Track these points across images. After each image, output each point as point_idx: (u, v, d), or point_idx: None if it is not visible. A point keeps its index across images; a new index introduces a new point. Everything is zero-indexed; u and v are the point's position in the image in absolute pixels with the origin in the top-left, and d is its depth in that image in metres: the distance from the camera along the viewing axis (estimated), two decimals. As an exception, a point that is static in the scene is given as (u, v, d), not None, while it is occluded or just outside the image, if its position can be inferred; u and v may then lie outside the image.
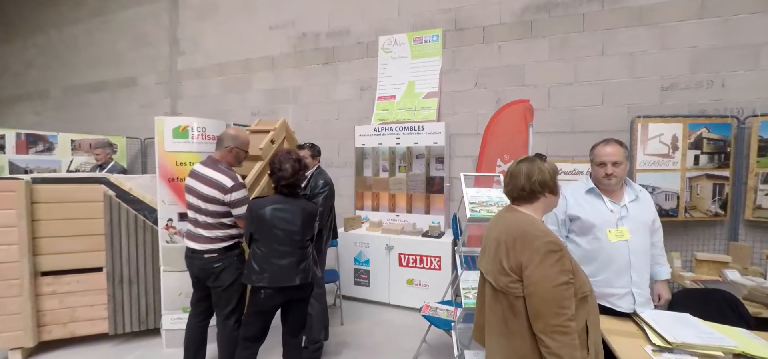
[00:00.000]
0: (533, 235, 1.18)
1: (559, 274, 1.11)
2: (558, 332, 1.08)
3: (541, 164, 1.33)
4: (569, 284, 1.11)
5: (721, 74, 3.13)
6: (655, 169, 2.97)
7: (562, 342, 1.07)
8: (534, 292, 1.12)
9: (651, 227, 1.84)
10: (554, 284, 1.09)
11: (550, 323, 1.08)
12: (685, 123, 2.96)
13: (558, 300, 1.09)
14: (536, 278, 1.11)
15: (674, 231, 3.14)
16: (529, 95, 3.62)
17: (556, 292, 1.09)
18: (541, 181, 1.29)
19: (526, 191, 1.30)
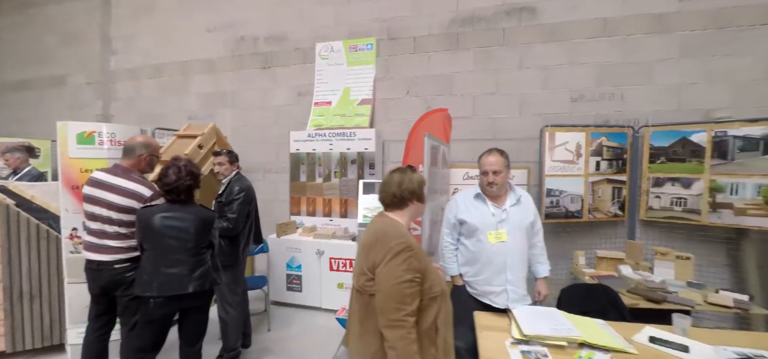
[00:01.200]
0: (390, 236, 1.26)
1: (405, 272, 1.19)
2: (395, 326, 1.16)
3: (411, 174, 1.43)
4: (413, 282, 1.20)
5: (621, 88, 3.45)
6: (562, 174, 3.22)
7: (398, 335, 1.16)
8: (380, 288, 1.20)
9: (530, 229, 2.00)
10: (398, 281, 1.18)
11: (390, 317, 1.17)
12: (588, 132, 3.24)
13: (399, 296, 1.17)
14: (383, 274, 1.20)
15: (579, 231, 3.42)
16: (457, 103, 3.80)
17: (399, 288, 1.17)
18: (410, 189, 1.39)
19: (397, 198, 1.40)
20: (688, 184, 3.08)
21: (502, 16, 3.70)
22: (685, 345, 1.53)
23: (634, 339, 1.61)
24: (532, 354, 1.48)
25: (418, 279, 1.22)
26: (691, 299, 2.49)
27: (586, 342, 1.52)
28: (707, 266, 3.22)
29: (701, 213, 3.04)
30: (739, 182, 2.90)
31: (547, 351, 1.49)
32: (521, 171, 3.40)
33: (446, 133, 3.15)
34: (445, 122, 3.13)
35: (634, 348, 1.53)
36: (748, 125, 2.87)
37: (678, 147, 3.12)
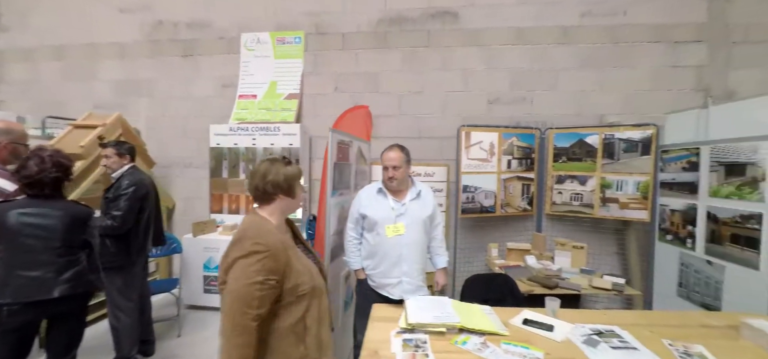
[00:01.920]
0: (247, 236, 1.21)
1: (256, 273, 1.13)
2: (237, 331, 1.10)
3: (280, 166, 1.38)
4: (264, 285, 1.14)
5: (531, 93, 3.73)
6: (477, 171, 3.40)
7: (238, 342, 1.09)
8: (228, 289, 1.15)
9: (429, 222, 2.08)
10: (248, 282, 1.13)
11: (235, 320, 1.10)
12: (500, 132, 3.46)
13: (247, 298, 1.11)
14: (234, 275, 1.15)
15: (494, 225, 3.65)
16: (383, 101, 3.86)
17: (247, 290, 1.12)
18: (273, 182, 1.33)
19: (260, 191, 1.34)
20: (584, 181, 3.42)
21: (428, 18, 3.82)
22: (551, 325, 1.69)
23: (511, 322, 1.74)
24: (413, 342, 1.53)
25: (271, 282, 1.17)
26: (579, 283, 2.76)
27: (464, 328, 1.61)
28: (601, 254, 3.61)
29: (594, 207, 3.39)
30: (623, 179, 3.28)
31: (428, 338, 1.56)
32: (441, 168, 3.54)
33: (367, 130, 3.18)
34: (366, 119, 3.16)
35: (508, 330, 1.65)
36: (630, 129, 3.25)
37: (576, 148, 3.45)
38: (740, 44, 3.59)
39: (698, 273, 2.82)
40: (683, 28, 3.60)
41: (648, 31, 3.62)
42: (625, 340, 1.56)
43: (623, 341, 1.56)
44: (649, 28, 3.61)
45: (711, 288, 2.71)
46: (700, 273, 2.80)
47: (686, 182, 2.92)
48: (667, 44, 3.61)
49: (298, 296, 1.25)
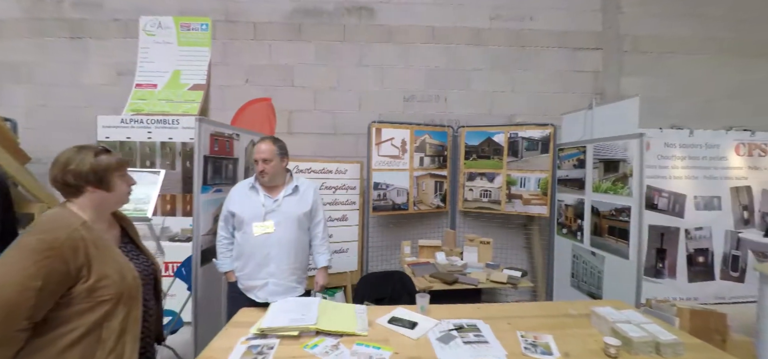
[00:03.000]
0: (38, 229, 1.02)
1: (29, 278, 0.96)
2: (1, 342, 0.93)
3: (88, 155, 1.19)
4: (42, 291, 0.97)
5: (445, 91, 3.78)
6: (389, 168, 3.37)
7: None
8: None
9: (307, 219, 1.97)
10: (19, 287, 0.94)
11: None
12: (412, 129, 3.45)
13: (16, 306, 0.94)
14: (2, 270, 0.96)
15: (408, 222, 3.64)
16: (298, 96, 3.70)
17: (18, 297, 0.94)
18: (76, 172, 1.14)
19: (59, 182, 1.14)
20: (492, 178, 3.52)
21: (344, 12, 3.72)
22: (415, 322, 1.65)
23: (377, 321, 1.68)
24: (258, 348, 1.41)
25: (51, 287, 1.00)
26: (477, 278, 2.81)
27: (320, 330, 1.52)
28: (512, 248, 3.74)
29: (501, 204, 3.50)
30: (526, 176, 3.42)
31: (277, 343, 1.44)
32: (354, 165, 3.45)
33: (270, 124, 3.01)
34: (269, 113, 2.99)
35: (370, 330, 1.58)
36: (532, 128, 3.40)
37: (485, 146, 3.54)
38: (630, 53, 3.91)
39: (586, 263, 3.00)
40: (582, 36, 3.85)
41: (551, 37, 3.82)
42: (481, 334, 1.55)
43: (479, 335, 1.55)
44: (553, 34, 3.82)
45: (595, 278, 2.89)
46: (587, 264, 2.98)
47: (576, 179, 3.10)
48: (568, 50, 3.84)
49: (98, 301, 1.08)
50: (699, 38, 3.93)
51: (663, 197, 3.95)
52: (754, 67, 3.99)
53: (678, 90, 3.95)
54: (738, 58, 3.97)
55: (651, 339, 1.40)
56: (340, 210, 3.40)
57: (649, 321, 1.56)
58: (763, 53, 4.00)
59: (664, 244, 3.95)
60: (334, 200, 3.37)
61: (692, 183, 3.94)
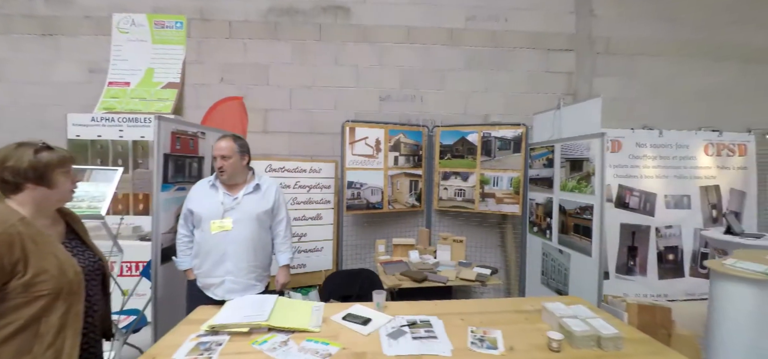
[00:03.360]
0: None
1: None
2: None
3: (26, 151, 1.18)
4: None
5: (421, 91, 3.80)
6: (363, 167, 3.38)
7: None
8: None
9: (268, 217, 1.97)
10: None
11: None
12: (386, 128, 3.47)
13: None
14: None
15: (383, 221, 3.66)
16: (273, 95, 3.69)
17: None
18: (13, 169, 1.14)
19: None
20: (466, 177, 3.56)
21: (319, 11, 3.73)
22: (369, 318, 1.67)
23: (333, 318, 1.69)
24: (207, 345, 1.41)
25: None
26: (446, 276, 2.84)
27: (272, 326, 1.52)
28: (486, 247, 3.78)
29: (475, 203, 3.54)
30: (499, 175, 3.46)
31: (226, 340, 1.45)
32: (329, 165, 3.46)
33: (242, 122, 3.00)
34: (240, 112, 2.98)
35: (324, 326, 1.60)
36: (504, 128, 3.44)
37: (459, 145, 3.57)
38: (603, 55, 3.99)
39: (554, 261, 3.05)
40: (555, 37, 3.91)
41: (526, 38, 3.87)
42: (432, 330, 1.58)
43: (430, 331, 1.57)
44: (527, 35, 3.87)
45: (562, 275, 2.94)
46: (555, 262, 3.03)
47: (546, 178, 3.15)
48: (542, 51, 3.89)
49: (35, 296, 1.07)
50: (668, 41, 4.02)
51: (634, 196, 4.04)
52: (720, 70, 4.10)
53: (649, 91, 4.04)
54: (705, 60, 4.08)
55: (593, 333, 1.43)
56: (315, 209, 3.40)
57: (595, 316, 1.59)
58: (728, 56, 4.11)
59: (635, 242, 4.04)
60: (309, 199, 3.38)
61: (663, 182, 4.04)
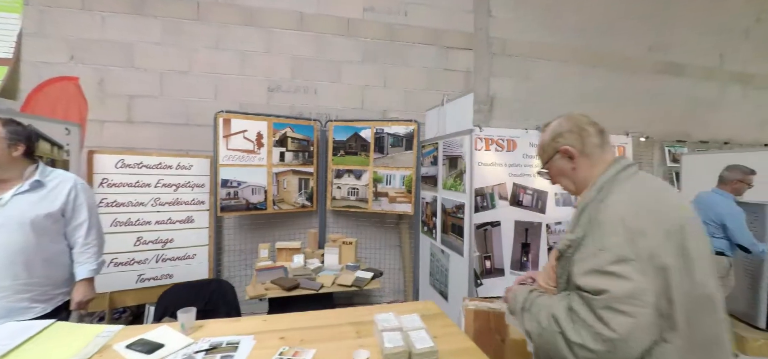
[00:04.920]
0: None
1: None
2: None
3: None
4: None
5: (314, 83, 3.55)
6: (241, 164, 3.05)
7: None
8: None
9: (53, 223, 1.58)
10: None
11: None
12: (270, 121, 3.17)
13: None
14: None
15: (266, 223, 3.36)
16: (140, 79, 3.20)
17: None
18: None
19: None
20: (360, 175, 3.38)
21: (197, -13, 3.31)
22: (160, 344, 1.37)
23: (116, 347, 1.37)
24: None
25: None
26: (321, 282, 2.62)
27: (4, 365, 1.17)
28: (383, 248, 3.65)
29: (368, 202, 3.37)
30: (392, 173, 3.33)
31: None
32: (202, 160, 3.07)
33: (79, 108, 2.50)
34: (76, 95, 2.48)
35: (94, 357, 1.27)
36: (396, 124, 3.32)
37: (352, 141, 3.38)
38: (499, 55, 4.06)
39: (438, 261, 2.99)
40: (454, 36, 3.90)
41: (424, 33, 3.80)
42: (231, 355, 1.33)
43: (228, 356, 1.32)
44: (426, 30, 3.81)
45: (443, 276, 2.88)
46: (439, 262, 2.97)
47: (432, 176, 3.08)
48: (440, 48, 3.86)
49: None
50: (557, 46, 4.22)
51: (527, 195, 4.17)
52: (600, 75, 4.41)
53: (541, 93, 4.20)
54: (588, 66, 4.35)
55: (404, 350, 1.29)
56: (185, 211, 3.00)
57: (421, 328, 1.46)
58: (608, 63, 4.43)
59: (529, 238, 4.18)
60: (176, 200, 2.96)
61: (553, 181, 4.21)
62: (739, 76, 5.15)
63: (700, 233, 0.89)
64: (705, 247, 0.89)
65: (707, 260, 0.87)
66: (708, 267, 0.87)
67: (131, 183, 2.81)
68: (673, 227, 0.84)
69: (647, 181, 0.96)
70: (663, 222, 0.84)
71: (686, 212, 0.90)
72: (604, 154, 1.03)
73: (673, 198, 0.94)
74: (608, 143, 1.05)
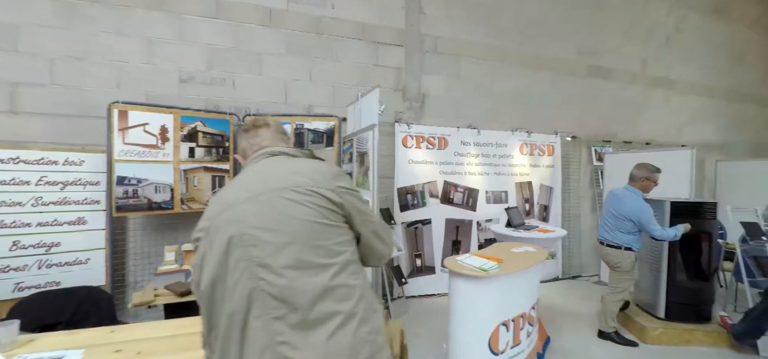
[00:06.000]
0: None
1: None
2: None
3: None
4: None
5: (233, 74, 3.36)
6: (141, 159, 2.80)
7: None
8: None
9: None
10: None
11: None
12: (177, 114, 2.95)
13: None
14: None
15: (171, 224, 3.13)
16: (26, 65, 2.86)
17: None
18: None
19: None
20: (279, 173, 3.23)
21: (96, -35, 3.01)
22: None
23: None
24: None
25: None
26: (221, 286, 2.45)
27: None
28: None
29: (288, 200, 3.23)
30: (312, 171, 3.21)
31: None
32: (97, 155, 2.80)
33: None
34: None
35: None
36: (317, 119, 3.21)
37: (271, 137, 3.22)
38: (431, 53, 4.05)
39: (354, 261, 2.90)
40: (385, 31, 3.84)
41: (354, 27, 3.71)
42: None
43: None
44: (355, 25, 3.72)
45: (357, 276, 2.80)
46: (355, 261, 2.88)
47: (349, 173, 2.99)
48: (370, 43, 3.78)
49: None
50: (489, 46, 4.28)
51: (458, 192, 4.20)
52: (531, 77, 4.53)
53: (473, 92, 4.24)
54: (519, 67, 4.45)
55: None
56: (74, 211, 2.72)
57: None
58: (538, 65, 4.56)
59: (459, 236, 4.22)
60: (64, 199, 2.68)
61: (484, 179, 4.28)
62: (661, 81, 5.49)
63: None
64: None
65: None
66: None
67: (6, 181, 2.50)
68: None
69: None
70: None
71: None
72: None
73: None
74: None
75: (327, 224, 0.88)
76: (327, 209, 0.89)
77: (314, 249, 0.85)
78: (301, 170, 0.94)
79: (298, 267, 0.84)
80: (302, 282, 0.83)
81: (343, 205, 0.91)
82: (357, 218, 0.95)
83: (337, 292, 0.86)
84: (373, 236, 1.00)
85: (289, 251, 0.84)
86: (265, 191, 0.90)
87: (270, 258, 0.84)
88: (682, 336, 2.92)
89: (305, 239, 0.85)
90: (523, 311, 1.87)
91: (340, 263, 0.88)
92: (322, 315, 0.83)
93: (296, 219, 0.86)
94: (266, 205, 0.88)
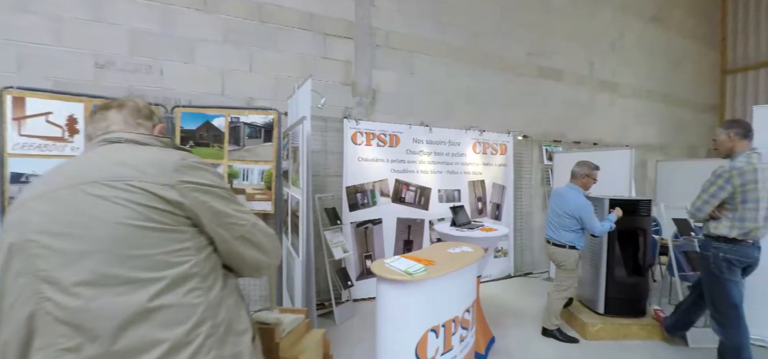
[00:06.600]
0: None
1: None
2: None
3: None
4: None
5: (160, 62, 3.06)
6: (42, 154, 2.46)
7: None
8: None
9: None
10: None
11: None
12: (89, 103, 2.62)
13: None
14: None
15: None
16: None
17: None
18: None
19: None
20: (212, 170, 2.97)
21: (-10, -71, 2.62)
22: None
23: None
24: None
25: None
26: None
27: None
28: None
29: (222, 200, 2.98)
30: (249, 167, 2.99)
31: None
32: (-14, 149, 2.42)
33: None
34: None
35: None
36: (253, 113, 2.98)
37: (203, 131, 2.96)
38: (382, 47, 3.92)
39: (289, 265, 2.72)
40: (333, 23, 3.66)
41: (299, 17, 3.51)
42: None
43: None
44: (301, 14, 3.52)
45: (292, 280, 2.62)
46: (290, 265, 2.70)
47: (286, 171, 2.80)
48: (317, 34, 3.60)
49: None
50: (443, 43, 4.23)
51: (410, 191, 4.11)
52: (484, 75, 4.53)
53: (425, 89, 4.17)
54: (473, 65, 4.44)
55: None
56: (-44, 213, 2.33)
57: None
58: (491, 64, 4.57)
59: (411, 235, 4.13)
60: (-58, 199, 2.29)
61: (437, 177, 4.21)
62: (607, 84, 5.72)
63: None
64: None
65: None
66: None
67: None
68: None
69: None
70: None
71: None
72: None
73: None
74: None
75: (151, 227, 0.69)
76: (154, 208, 0.69)
77: (126, 260, 0.66)
78: (130, 160, 0.74)
79: (99, 284, 0.65)
80: (103, 303, 0.65)
81: (183, 204, 0.73)
82: (210, 221, 0.77)
83: (161, 315, 0.68)
84: (241, 243, 0.83)
85: (87, 262, 0.65)
86: (66, 185, 0.70)
87: (59, 272, 0.65)
88: (619, 331, 2.98)
89: (112, 247, 0.66)
90: (455, 314, 1.78)
91: (170, 278, 0.69)
92: (135, 345, 0.65)
93: (101, 221, 0.67)
94: (62, 203, 0.69)
